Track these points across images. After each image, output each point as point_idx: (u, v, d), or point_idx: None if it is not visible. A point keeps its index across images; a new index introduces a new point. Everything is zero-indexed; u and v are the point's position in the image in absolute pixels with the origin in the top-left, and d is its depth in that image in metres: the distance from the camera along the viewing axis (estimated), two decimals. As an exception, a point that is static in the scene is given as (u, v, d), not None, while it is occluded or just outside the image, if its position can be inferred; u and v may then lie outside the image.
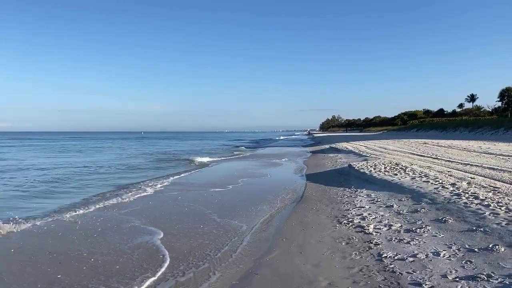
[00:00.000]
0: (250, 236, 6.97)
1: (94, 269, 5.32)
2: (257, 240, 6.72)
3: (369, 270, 4.76)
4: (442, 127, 64.90)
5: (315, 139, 64.96)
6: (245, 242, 6.59)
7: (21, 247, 6.40)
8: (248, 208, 9.39)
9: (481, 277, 4.07)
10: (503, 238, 5.17)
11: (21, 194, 12.04)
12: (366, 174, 12.44)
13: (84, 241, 6.65)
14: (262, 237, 6.94)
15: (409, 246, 5.43)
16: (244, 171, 18.51)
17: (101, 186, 13.85)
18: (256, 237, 6.91)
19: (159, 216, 8.69)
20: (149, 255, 5.94)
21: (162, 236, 6.96)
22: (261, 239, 6.80)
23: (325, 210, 8.68)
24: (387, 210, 7.86)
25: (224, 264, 5.54)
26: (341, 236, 6.37)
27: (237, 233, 7.15)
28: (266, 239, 6.77)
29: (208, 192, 11.94)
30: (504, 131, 40.53)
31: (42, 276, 5.10)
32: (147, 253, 6.04)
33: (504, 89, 74.15)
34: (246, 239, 6.80)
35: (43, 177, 16.42)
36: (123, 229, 7.48)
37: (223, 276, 5.07)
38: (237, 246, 6.38)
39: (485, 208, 6.57)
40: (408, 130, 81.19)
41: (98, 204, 9.97)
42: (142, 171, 19.47)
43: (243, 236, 6.96)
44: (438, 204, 7.49)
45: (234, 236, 6.95)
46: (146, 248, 6.31)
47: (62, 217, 8.50)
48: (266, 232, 7.28)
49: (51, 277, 5.07)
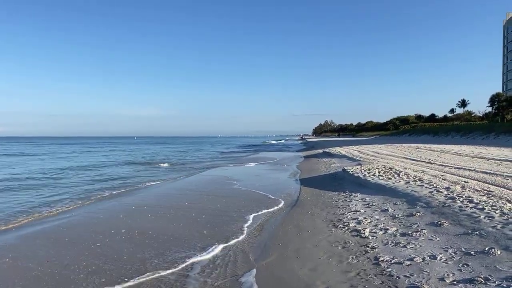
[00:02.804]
0: (245, 240, 6.91)
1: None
2: (252, 245, 6.66)
3: (366, 274, 4.73)
4: (434, 132, 65.45)
5: (308, 144, 65.03)
6: (240, 247, 6.53)
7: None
8: (242, 212, 9.33)
9: (479, 280, 4.06)
10: (499, 241, 5.18)
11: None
12: (360, 178, 12.45)
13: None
14: (257, 241, 6.88)
15: (406, 249, 5.42)
16: (238, 175, 18.44)
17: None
18: (252, 242, 6.85)
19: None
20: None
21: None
22: (257, 243, 6.74)
23: (321, 214, 8.65)
24: (382, 214, 7.86)
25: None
26: (337, 240, 6.34)
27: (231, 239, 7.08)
28: (262, 243, 6.72)
29: (198, 196, 11.84)
30: (495, 135, 40.97)
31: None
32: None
33: (494, 95, 74.97)
34: (241, 243, 6.74)
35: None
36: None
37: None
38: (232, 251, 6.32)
39: (480, 212, 6.59)
40: (400, 135, 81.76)
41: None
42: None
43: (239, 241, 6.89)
44: (433, 207, 7.51)
45: (229, 241, 6.88)
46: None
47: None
48: (261, 236, 7.22)
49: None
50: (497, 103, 72.27)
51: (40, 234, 7.59)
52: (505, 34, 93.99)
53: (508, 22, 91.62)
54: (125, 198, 12.02)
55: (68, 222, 8.57)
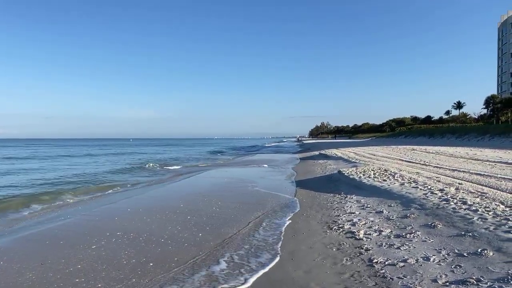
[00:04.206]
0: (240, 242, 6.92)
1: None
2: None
3: (360, 275, 4.76)
4: (430, 133, 65.82)
5: (305, 146, 65.16)
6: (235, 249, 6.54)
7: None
8: (237, 214, 9.33)
9: (471, 281, 4.10)
10: (491, 242, 5.23)
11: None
12: (355, 180, 12.50)
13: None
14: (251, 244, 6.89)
15: (400, 251, 5.46)
16: (233, 178, 18.44)
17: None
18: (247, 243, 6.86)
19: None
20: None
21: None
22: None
23: (316, 216, 8.68)
24: (377, 215, 7.90)
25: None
26: (332, 242, 6.37)
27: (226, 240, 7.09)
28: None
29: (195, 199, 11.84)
30: (490, 137, 41.26)
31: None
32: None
33: (489, 97, 75.59)
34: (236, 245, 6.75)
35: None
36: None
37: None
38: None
39: (473, 213, 6.64)
40: (396, 136, 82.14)
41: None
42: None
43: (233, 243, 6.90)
44: (427, 209, 7.56)
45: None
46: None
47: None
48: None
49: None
50: (492, 105, 72.88)
51: (34, 236, 7.56)
52: (499, 37, 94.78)
53: (503, 25, 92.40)
54: (121, 201, 11.98)
55: (63, 225, 8.54)
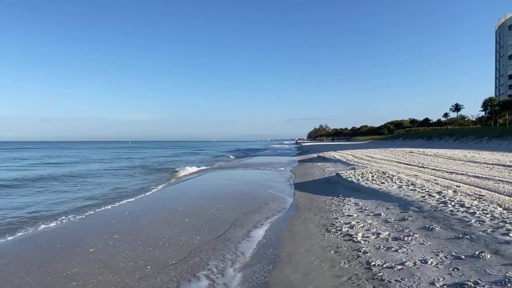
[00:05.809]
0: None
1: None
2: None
3: (358, 278, 4.76)
4: (428, 136, 65.83)
5: (303, 148, 65.18)
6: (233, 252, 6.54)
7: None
8: (235, 217, 9.33)
9: (468, 284, 4.10)
10: (489, 245, 5.23)
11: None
12: (353, 182, 12.51)
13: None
14: (250, 247, 6.89)
15: (397, 254, 5.46)
16: (231, 180, 18.43)
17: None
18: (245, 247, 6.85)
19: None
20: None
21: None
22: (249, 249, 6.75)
23: (314, 218, 8.67)
24: (375, 218, 7.90)
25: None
26: (330, 245, 6.37)
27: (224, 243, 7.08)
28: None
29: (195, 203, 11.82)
30: (487, 140, 41.32)
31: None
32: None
33: (487, 99, 75.74)
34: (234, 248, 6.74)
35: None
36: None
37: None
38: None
39: (471, 216, 6.65)
40: (394, 139, 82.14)
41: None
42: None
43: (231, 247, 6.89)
44: (425, 212, 7.56)
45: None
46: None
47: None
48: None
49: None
50: (490, 108, 73.03)
51: (31, 240, 7.55)
52: (497, 39, 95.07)
53: (500, 27, 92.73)
54: (119, 204, 11.96)
55: (61, 228, 8.52)
